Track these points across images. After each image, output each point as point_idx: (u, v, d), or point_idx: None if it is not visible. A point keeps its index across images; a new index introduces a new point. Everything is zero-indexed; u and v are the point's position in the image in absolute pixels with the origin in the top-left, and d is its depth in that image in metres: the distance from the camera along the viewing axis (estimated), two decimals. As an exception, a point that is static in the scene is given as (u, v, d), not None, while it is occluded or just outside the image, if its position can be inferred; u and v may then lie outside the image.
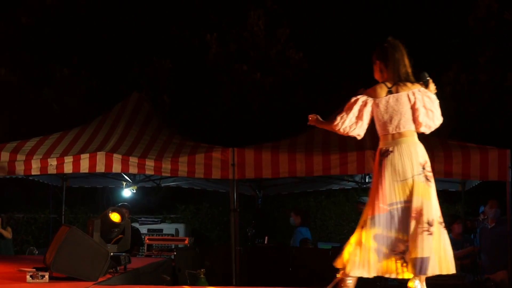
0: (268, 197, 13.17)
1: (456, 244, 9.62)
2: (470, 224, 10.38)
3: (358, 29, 15.75)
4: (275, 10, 15.13)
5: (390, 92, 4.82)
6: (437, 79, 13.83)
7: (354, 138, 9.24)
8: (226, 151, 9.17)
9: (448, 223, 9.97)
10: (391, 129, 4.81)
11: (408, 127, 4.78)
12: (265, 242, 11.09)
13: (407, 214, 4.63)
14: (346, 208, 14.83)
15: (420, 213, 4.58)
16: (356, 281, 4.80)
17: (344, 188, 13.05)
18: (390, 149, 4.77)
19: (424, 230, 4.54)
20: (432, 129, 4.84)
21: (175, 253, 8.95)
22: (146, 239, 9.76)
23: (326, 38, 15.77)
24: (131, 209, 10.48)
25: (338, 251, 5.03)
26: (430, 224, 4.56)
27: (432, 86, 4.91)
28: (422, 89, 4.81)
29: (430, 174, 4.70)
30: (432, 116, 4.78)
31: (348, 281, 4.77)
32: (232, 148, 9.17)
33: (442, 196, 13.80)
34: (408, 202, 4.64)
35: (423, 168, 4.68)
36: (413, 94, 4.78)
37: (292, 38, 15.00)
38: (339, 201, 14.82)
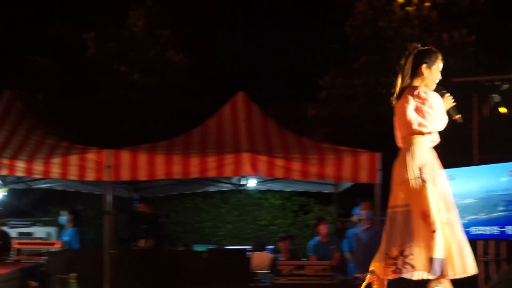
0: (144, 199, 12.97)
1: (320, 247, 9.89)
2: (341, 226, 10.66)
3: (239, 32, 15.89)
4: (156, 9, 14.96)
5: (398, 98, 4.92)
6: (315, 83, 14.12)
7: (232, 140, 9.39)
8: (101, 153, 8.99)
9: (314, 225, 10.21)
10: (400, 134, 4.93)
11: (407, 131, 4.83)
12: (141, 245, 10.94)
13: (408, 218, 4.65)
14: (223, 210, 14.89)
15: (425, 215, 4.59)
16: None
17: (221, 190, 13.09)
18: (398, 153, 4.89)
19: (432, 231, 4.55)
20: (430, 129, 4.78)
21: (45, 257, 8.65)
22: (14, 243, 9.37)
23: (208, 39, 15.79)
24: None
25: (214, 252, 5.01)
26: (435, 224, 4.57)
27: (447, 99, 4.92)
28: (416, 92, 4.78)
29: (428, 177, 4.67)
30: (423, 116, 4.73)
31: None
32: (107, 150, 8.99)
33: (317, 197, 14.20)
34: (408, 205, 4.67)
35: (420, 171, 4.67)
36: (406, 97, 4.80)
37: (173, 39, 14.91)
38: (216, 203, 14.86)
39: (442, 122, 4.78)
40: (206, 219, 14.86)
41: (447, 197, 4.75)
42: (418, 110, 4.72)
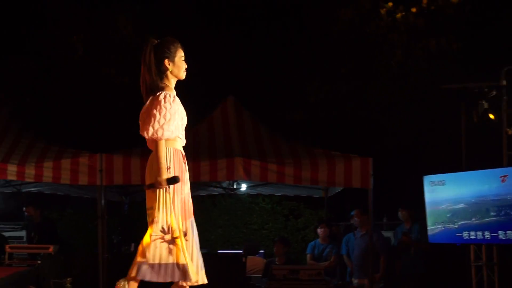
0: (134, 203, 12.97)
1: (318, 249, 9.95)
2: (337, 229, 10.75)
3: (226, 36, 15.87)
4: (145, 13, 14.96)
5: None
6: (302, 88, 14.04)
7: (224, 145, 9.44)
8: (93, 157, 9.02)
9: (315, 227, 10.30)
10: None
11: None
12: (132, 249, 10.93)
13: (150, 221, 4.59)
14: (214, 214, 14.89)
15: (152, 220, 4.50)
16: None
17: (211, 194, 13.12)
18: None
19: (157, 238, 4.46)
20: (165, 136, 4.51)
21: (39, 261, 8.61)
22: (7, 247, 9.32)
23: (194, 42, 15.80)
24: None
25: (208, 257, 5.04)
26: (164, 232, 4.46)
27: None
28: (158, 97, 4.54)
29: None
30: (160, 122, 4.50)
31: None
32: (100, 154, 9.01)
33: (306, 202, 14.26)
34: (151, 209, 4.58)
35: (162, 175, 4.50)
36: (151, 102, 4.58)
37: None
38: (206, 207, 14.85)
39: (177, 129, 4.60)
40: (197, 223, 14.81)
41: (187, 204, 4.69)
42: (153, 116, 4.49)
